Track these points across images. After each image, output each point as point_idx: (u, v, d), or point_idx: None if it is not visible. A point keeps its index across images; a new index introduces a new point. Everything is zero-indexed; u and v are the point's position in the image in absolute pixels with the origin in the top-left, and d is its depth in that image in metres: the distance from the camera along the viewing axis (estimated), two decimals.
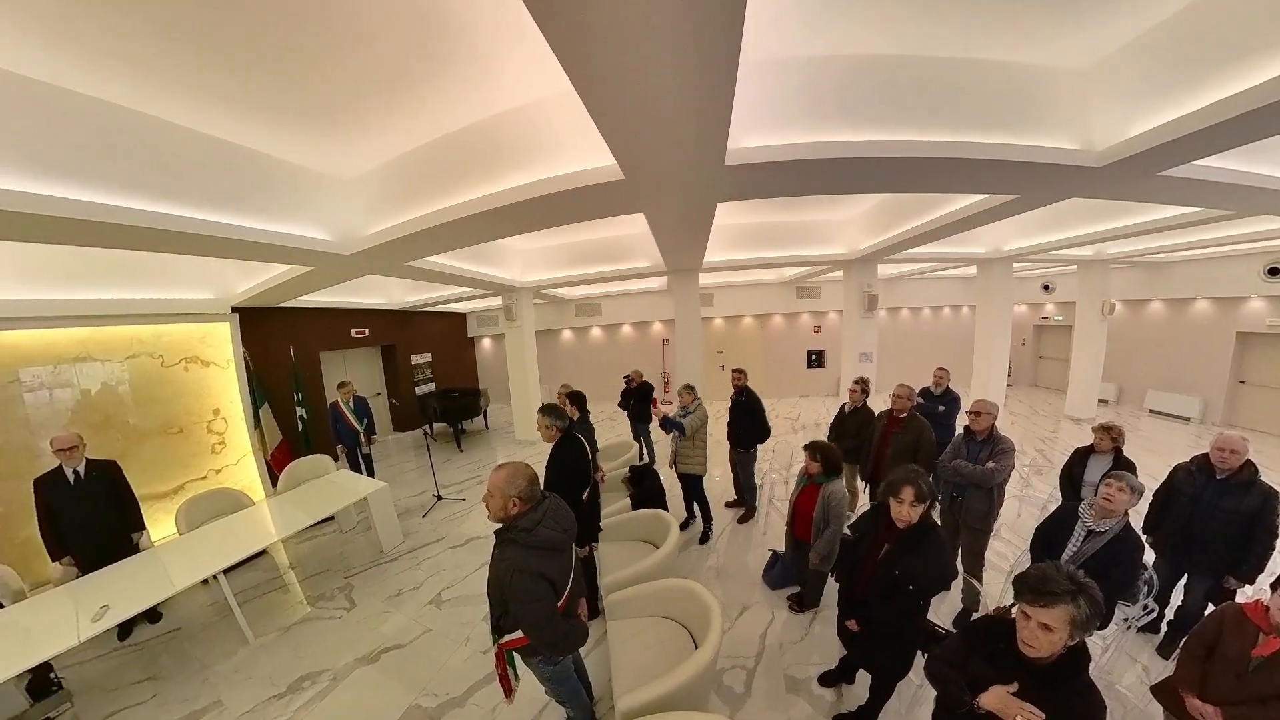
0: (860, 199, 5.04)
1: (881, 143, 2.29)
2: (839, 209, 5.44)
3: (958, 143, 2.31)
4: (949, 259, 6.52)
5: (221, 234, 2.68)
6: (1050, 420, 7.58)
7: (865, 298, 6.13)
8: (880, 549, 1.92)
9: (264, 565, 4.17)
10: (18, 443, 3.90)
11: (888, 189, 3.21)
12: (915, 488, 1.79)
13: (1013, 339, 7.37)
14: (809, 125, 2.29)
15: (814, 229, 5.77)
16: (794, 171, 2.50)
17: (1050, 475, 4.83)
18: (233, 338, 5.27)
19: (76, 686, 2.81)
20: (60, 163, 2.06)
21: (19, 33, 1.75)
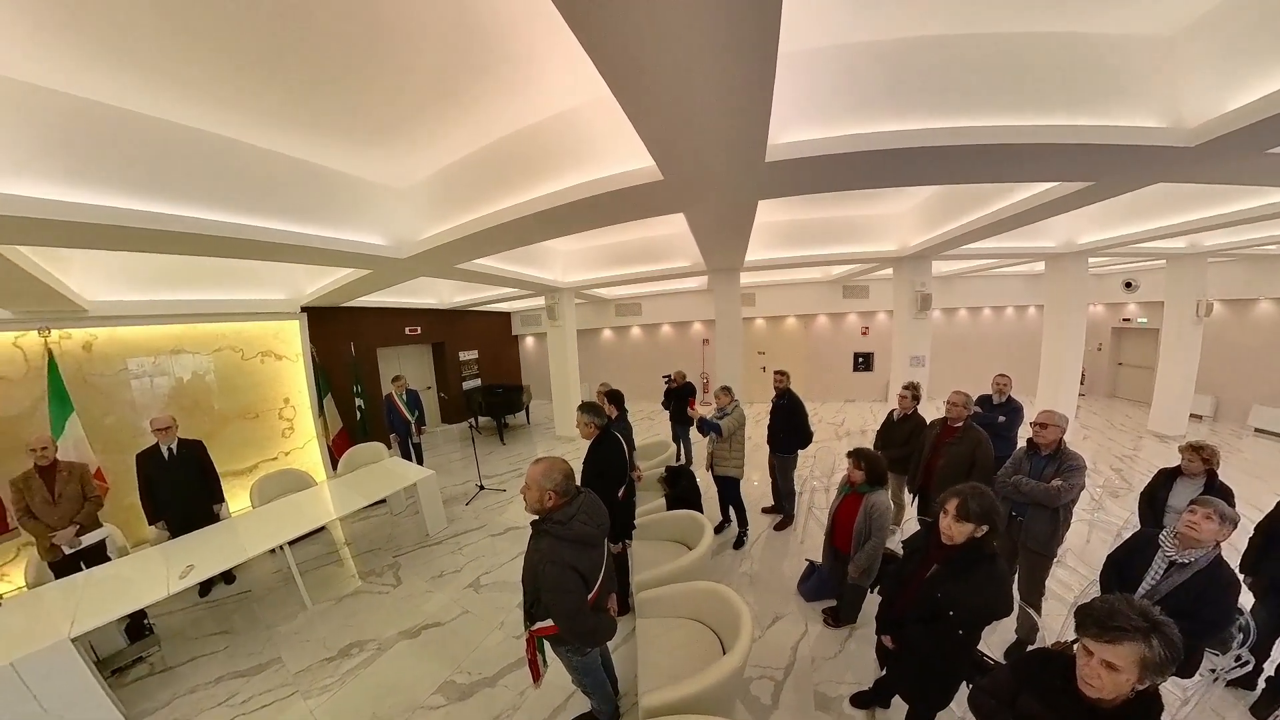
0: (912, 192, 4.75)
1: (933, 131, 2.14)
2: (889, 203, 5.15)
3: (1022, 126, 2.11)
4: (1013, 254, 5.99)
5: (295, 242, 2.99)
6: (1130, 436, 6.79)
7: (917, 297, 5.79)
8: (928, 568, 1.80)
9: (323, 540, 4.56)
10: (125, 422, 4.49)
11: (943, 180, 3.00)
12: (961, 501, 1.65)
13: (1087, 343, 6.71)
14: (853, 116, 2.19)
15: (861, 225, 5.51)
16: (838, 166, 2.39)
17: (1128, 499, 4.35)
18: (301, 334, 5.78)
19: (163, 633, 3.22)
20: (172, 185, 2.40)
21: (144, 82, 2.06)
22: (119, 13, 1.68)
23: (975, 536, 1.65)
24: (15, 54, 1.82)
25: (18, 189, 1.98)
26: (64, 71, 1.95)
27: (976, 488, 1.69)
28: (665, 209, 3.10)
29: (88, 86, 2.05)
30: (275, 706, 2.56)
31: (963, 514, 1.63)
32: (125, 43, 1.84)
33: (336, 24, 1.84)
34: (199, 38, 1.85)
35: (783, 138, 2.22)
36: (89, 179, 2.15)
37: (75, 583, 2.91)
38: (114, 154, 2.21)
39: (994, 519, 1.64)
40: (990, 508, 1.64)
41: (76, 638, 2.37)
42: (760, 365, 9.60)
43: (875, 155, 2.26)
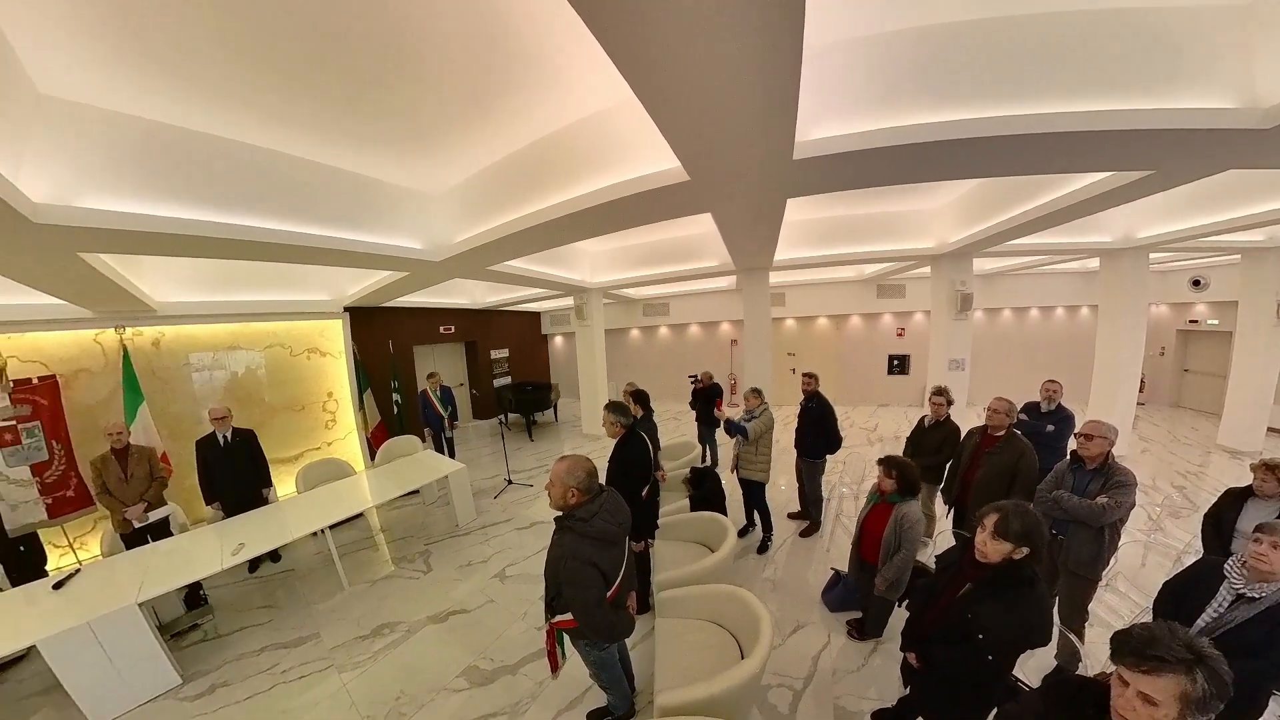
0: (951, 185, 4.54)
1: (975, 121, 2.03)
2: (926, 198, 4.94)
3: (1073, 113, 1.98)
4: (1064, 250, 5.58)
5: (338, 246, 3.20)
6: (1196, 451, 6.17)
7: (957, 297, 5.52)
8: (960, 587, 1.70)
9: (360, 526, 4.80)
10: (187, 411, 4.89)
11: (985, 173, 2.81)
12: (1001, 517, 1.53)
13: (1148, 347, 6.19)
14: (885, 109, 2.11)
15: (897, 221, 5.30)
16: (870, 161, 2.31)
17: (1191, 520, 3.98)
18: (344, 333, 6.12)
19: (216, 604, 3.51)
20: (229, 196, 2.63)
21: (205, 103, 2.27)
22: (182, 41, 1.86)
23: (1013, 557, 1.53)
24: (96, 83, 2.04)
25: (100, 204, 2.23)
26: (137, 97, 2.16)
27: (1019, 505, 1.58)
28: (692, 209, 3.09)
29: (157, 110, 2.26)
30: (312, 678, 2.73)
31: (1001, 531, 1.52)
32: (188, 68, 2.02)
33: (372, 40, 1.94)
34: (251, 60, 2.01)
35: (811, 134, 2.17)
36: (159, 193, 2.39)
37: (142, 554, 3.22)
38: (180, 170, 2.44)
39: (1036, 540, 1.52)
40: (1032, 528, 1.52)
41: (142, 603, 2.62)
42: (789, 367, 9.40)
43: (910, 149, 2.17)
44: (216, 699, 2.63)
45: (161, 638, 2.74)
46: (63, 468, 4.00)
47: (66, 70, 1.94)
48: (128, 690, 2.56)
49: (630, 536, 2.01)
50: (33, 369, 4.00)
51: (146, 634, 2.62)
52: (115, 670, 2.51)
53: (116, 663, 2.51)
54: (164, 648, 2.71)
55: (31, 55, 1.84)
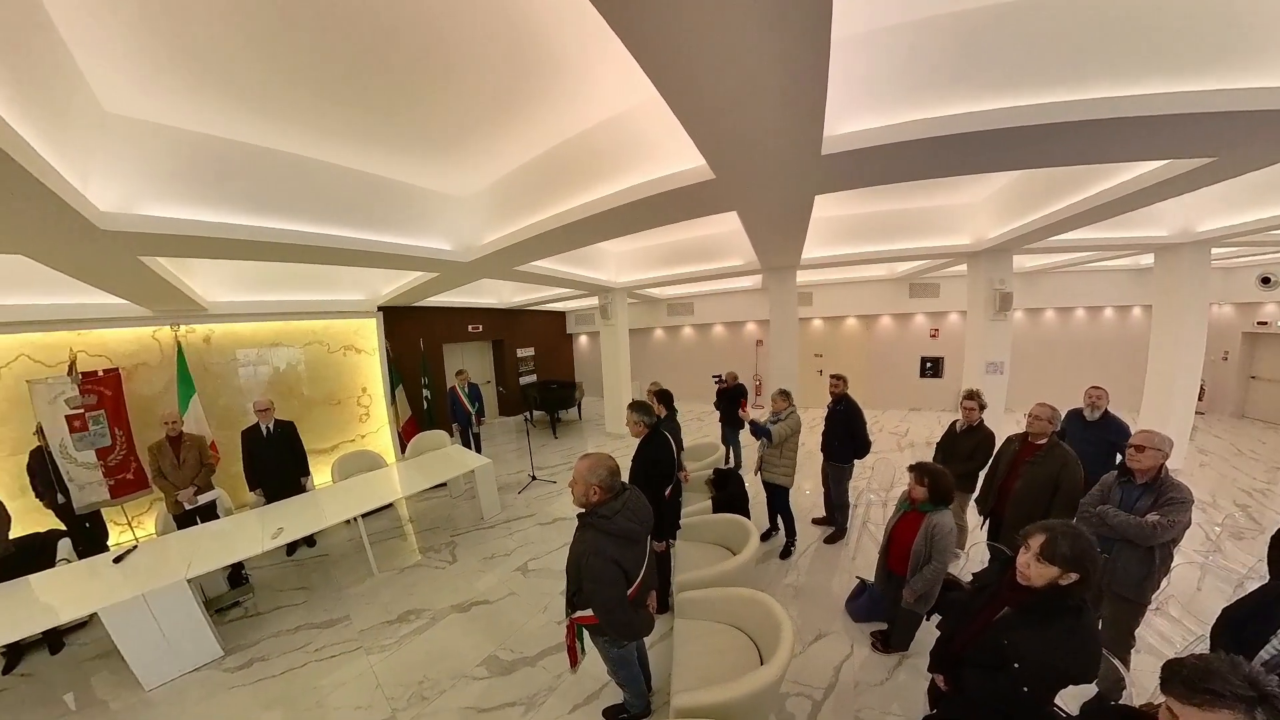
0: (989, 178, 4.33)
1: (1016, 110, 1.92)
2: (962, 192, 4.74)
3: (1124, 98, 1.84)
4: (1113, 246, 5.21)
5: (372, 249, 3.34)
6: (1263, 466, 5.57)
7: (995, 296, 5.26)
8: (998, 609, 1.58)
9: (390, 515, 4.97)
10: (233, 403, 5.20)
11: (1027, 164, 2.65)
12: (1048, 539, 1.40)
13: (1209, 351, 5.75)
14: (918, 100, 2.03)
15: (930, 217, 5.09)
16: (903, 155, 2.22)
17: (1255, 543, 3.65)
18: (378, 331, 6.37)
19: (256, 583, 3.75)
20: (273, 202, 2.79)
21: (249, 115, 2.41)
22: (231, 60, 1.99)
23: (1059, 583, 1.40)
24: (155, 101, 2.21)
25: (158, 211, 2.41)
26: (190, 113, 2.33)
27: (1070, 526, 1.44)
28: (717, 208, 3.05)
29: (207, 124, 2.43)
30: (341, 658, 2.86)
31: (1048, 554, 1.39)
32: (235, 85, 2.16)
33: (405, 52, 2.02)
34: (291, 74, 2.12)
35: (840, 128, 2.11)
36: (210, 200, 2.57)
37: (192, 534, 3.46)
38: (228, 179, 2.61)
39: (1087, 566, 1.37)
40: (1084, 552, 1.38)
41: (191, 579, 2.82)
42: (817, 368, 9.20)
43: (945, 141, 2.06)
44: (254, 672, 2.80)
45: (206, 612, 2.93)
46: (123, 452, 4.33)
47: (128, 90, 2.11)
48: (175, 659, 2.76)
49: (652, 536, 2.01)
50: (99, 362, 4.35)
51: (193, 608, 2.81)
52: (165, 639, 2.71)
53: (166, 633, 2.71)
54: (209, 621, 2.90)
55: (98, 78, 2.01)
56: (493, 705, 2.45)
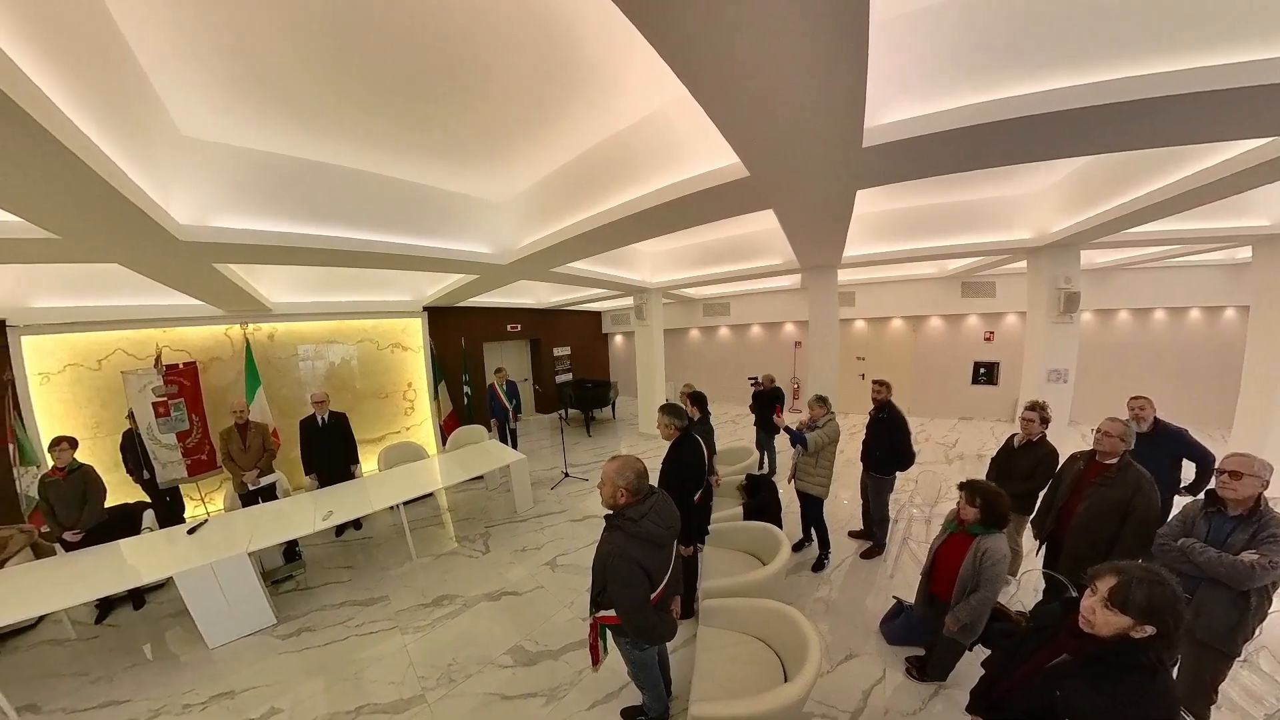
0: (1054, 166, 3.97)
1: (1084, 88, 1.70)
2: (1020, 181, 4.37)
3: (1216, 67, 1.61)
4: (1202, 239, 4.59)
5: (416, 253, 3.53)
6: None
7: (1059, 296, 4.80)
8: (1054, 654, 1.41)
9: (429, 504, 5.21)
10: (293, 395, 5.65)
11: (1099, 149, 2.32)
12: (1121, 583, 1.20)
13: None
14: (971, 83, 1.88)
15: (986, 209, 4.73)
16: (954, 144, 2.03)
17: None
18: (423, 330, 6.73)
19: (308, 560, 4.05)
20: (328, 212, 3.03)
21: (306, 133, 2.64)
22: (290, 84, 2.18)
23: (1130, 635, 1.20)
24: (225, 125, 2.45)
25: (229, 223, 2.67)
26: (256, 134, 2.57)
27: (1149, 570, 1.22)
28: (753, 206, 2.97)
29: (271, 143, 2.68)
30: (380, 634, 3.03)
31: (1119, 600, 1.19)
32: (295, 106, 2.36)
33: (444, 66, 2.11)
34: (343, 94, 2.29)
35: (882, 118, 1.99)
36: (274, 212, 2.82)
37: (254, 512, 3.79)
38: (290, 192, 2.85)
39: (1166, 620, 1.16)
40: (1166, 604, 1.17)
41: (251, 552, 3.10)
42: (859, 373, 8.79)
43: (1005, 127, 1.86)
44: (302, 640, 3.04)
45: (264, 583, 3.21)
46: (199, 436, 4.80)
47: (201, 115, 2.35)
48: (235, 622, 3.06)
49: (679, 540, 1.99)
50: (179, 356, 4.87)
51: (252, 578, 3.09)
52: (227, 604, 3.01)
53: (229, 598, 3.01)
54: (265, 591, 3.18)
55: (175, 105, 2.24)
56: (516, 694, 2.51)
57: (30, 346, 4.23)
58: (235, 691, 2.64)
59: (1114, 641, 1.22)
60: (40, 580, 2.91)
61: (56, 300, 4.24)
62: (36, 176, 1.63)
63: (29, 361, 4.23)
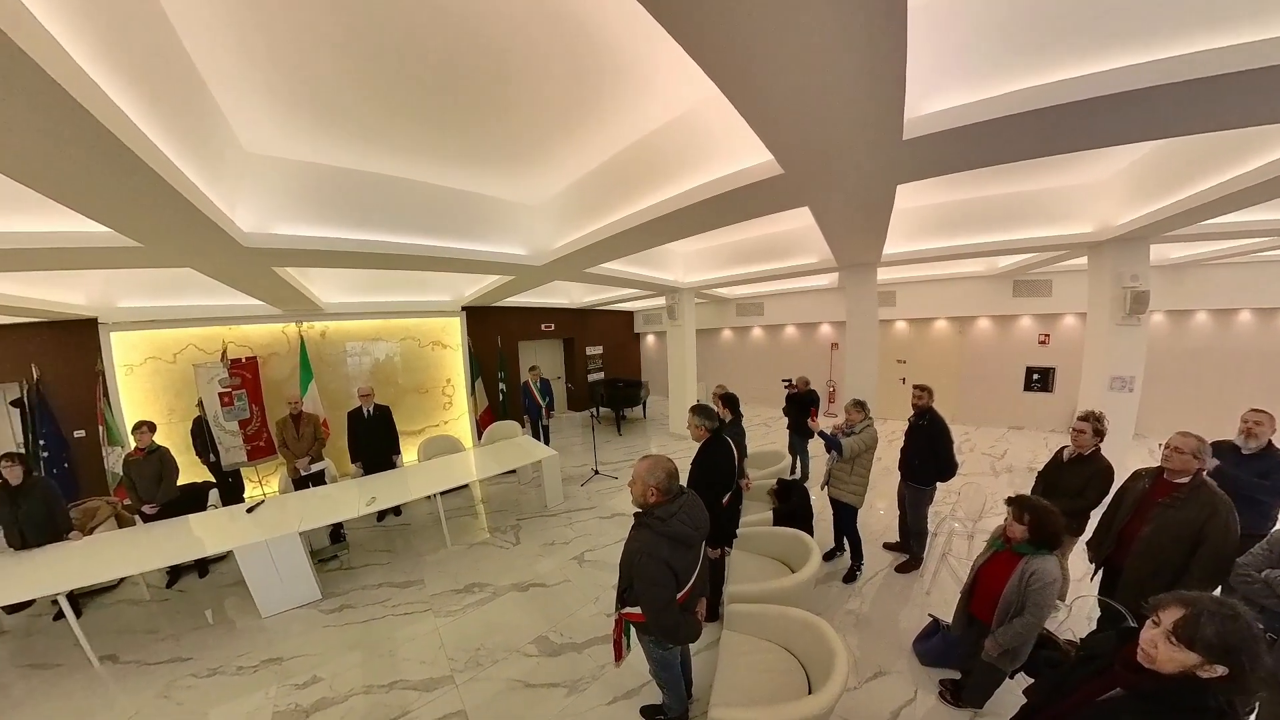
0: (1119, 151, 3.61)
1: (1155, 65, 1.54)
2: (1079, 170, 4.00)
3: None
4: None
5: (457, 255, 3.70)
6: None
7: (1125, 295, 4.37)
8: (1106, 687, 1.27)
9: (464, 495, 5.39)
10: (342, 388, 6.01)
11: (1172, 131, 2.03)
12: (1188, 616, 1.08)
13: None
14: (1022, 65, 1.74)
15: (1041, 201, 4.39)
16: (1004, 132, 1.89)
17: None
18: (461, 329, 7.03)
19: (351, 542, 4.33)
20: (375, 219, 3.22)
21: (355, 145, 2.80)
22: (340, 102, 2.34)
23: (1197, 674, 1.07)
24: (282, 141, 2.66)
25: (287, 230, 2.90)
26: (310, 149, 2.78)
27: (1225, 605, 1.09)
28: (787, 204, 2.91)
29: (323, 156, 2.87)
30: (414, 616, 3.20)
31: (1185, 635, 1.07)
32: (344, 122, 2.53)
33: (479, 76, 2.19)
34: (388, 107, 2.42)
35: (924, 108, 1.89)
36: (327, 220, 3.03)
37: (304, 495, 4.09)
38: (340, 200, 3.05)
39: (1241, 660, 1.03)
40: (1241, 642, 1.03)
41: (302, 532, 3.36)
42: (899, 376, 8.41)
43: (1065, 111, 1.70)
44: (343, 616, 3.25)
45: (311, 561, 3.47)
46: (258, 424, 5.21)
47: (263, 133, 2.55)
48: (285, 595, 3.31)
49: (707, 542, 1.98)
50: (242, 351, 5.29)
51: (301, 556, 3.35)
52: (279, 578, 3.28)
53: (280, 573, 3.28)
54: (312, 568, 3.44)
55: (240, 124, 2.45)
56: (538, 683, 2.57)
57: (117, 341, 4.75)
58: (283, 658, 2.87)
59: (1177, 680, 1.10)
60: (122, 546, 3.28)
61: (139, 301, 4.75)
62: (126, 193, 1.85)
63: (116, 354, 4.75)
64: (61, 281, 4.14)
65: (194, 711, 2.50)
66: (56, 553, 3.16)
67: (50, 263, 2.71)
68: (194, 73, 1.97)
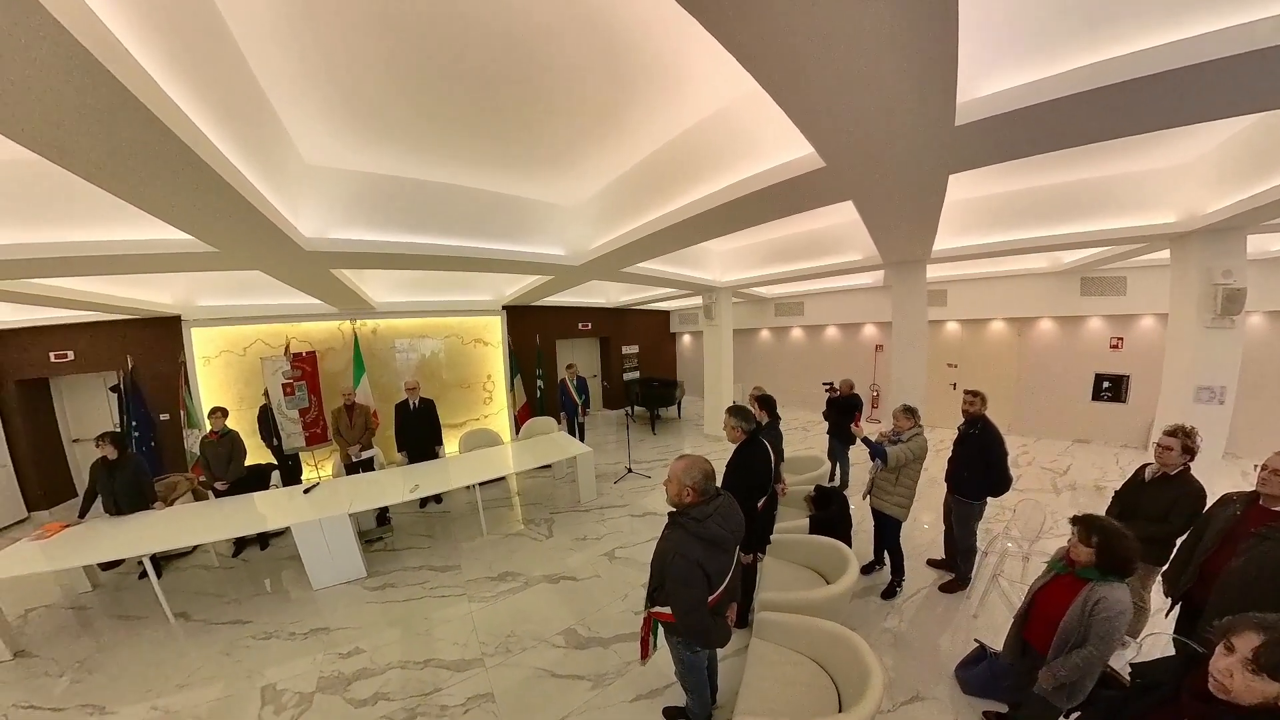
0: (1207, 129, 3.18)
1: (1247, 27, 1.38)
2: (1160, 151, 3.55)
3: None
4: None
5: (498, 256, 3.85)
6: None
7: (1216, 293, 3.82)
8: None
9: (501, 487, 5.60)
10: (390, 382, 6.37)
11: (1267, 103, 1.78)
12: (1270, 643, 1.02)
13: None
14: (1086, 37, 1.58)
15: (1113, 189, 3.96)
16: (1070, 112, 1.72)
17: None
18: (501, 327, 7.31)
19: (395, 525, 4.64)
20: (423, 222, 3.41)
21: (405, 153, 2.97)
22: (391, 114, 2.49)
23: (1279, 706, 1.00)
24: (338, 152, 2.85)
25: (344, 235, 3.12)
26: (364, 159, 2.97)
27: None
28: (829, 199, 2.80)
29: (375, 165, 3.07)
30: (449, 599, 3.35)
31: (1268, 663, 1.01)
32: (394, 133, 2.69)
33: (516, 85, 2.26)
34: (433, 118, 2.56)
35: (978, 90, 1.76)
36: (379, 224, 3.24)
37: (355, 480, 4.39)
38: (391, 206, 3.24)
39: None
40: None
41: (351, 513, 3.61)
42: (949, 381, 7.90)
43: (1143, 85, 1.53)
44: (385, 594, 3.46)
45: (359, 540, 3.73)
46: (315, 413, 5.64)
47: (320, 145, 2.75)
48: (334, 570, 3.58)
49: (740, 547, 1.94)
50: (303, 346, 5.76)
51: (350, 536, 3.60)
52: (330, 555, 3.55)
53: (331, 550, 3.55)
54: (360, 548, 3.70)
55: (300, 137, 2.65)
56: (564, 674, 2.61)
57: (197, 336, 5.32)
58: (330, 629, 3.10)
59: (1257, 712, 1.00)
60: (197, 518, 3.68)
61: (215, 300, 5.31)
62: (205, 205, 2.07)
63: (195, 347, 5.32)
64: (152, 283, 4.69)
65: (251, 670, 2.76)
66: (143, 520, 3.59)
67: (143, 267, 3.04)
68: (261, 94, 2.16)
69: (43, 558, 3.05)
